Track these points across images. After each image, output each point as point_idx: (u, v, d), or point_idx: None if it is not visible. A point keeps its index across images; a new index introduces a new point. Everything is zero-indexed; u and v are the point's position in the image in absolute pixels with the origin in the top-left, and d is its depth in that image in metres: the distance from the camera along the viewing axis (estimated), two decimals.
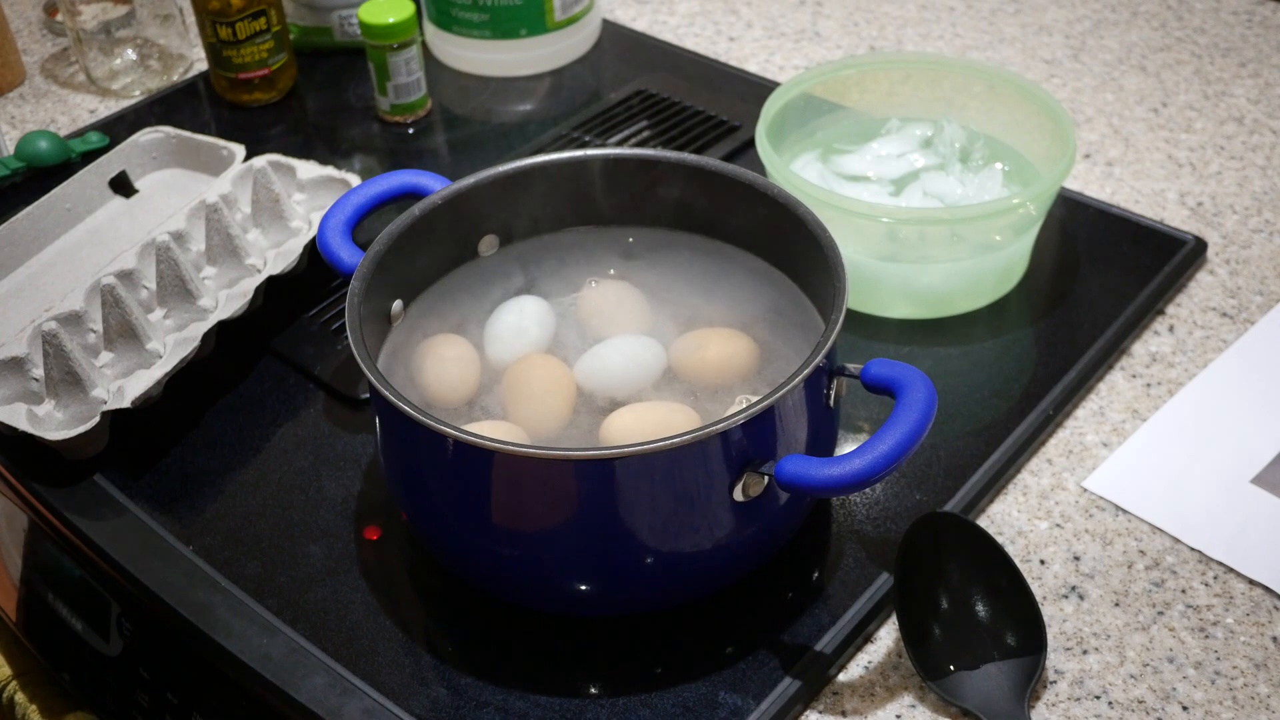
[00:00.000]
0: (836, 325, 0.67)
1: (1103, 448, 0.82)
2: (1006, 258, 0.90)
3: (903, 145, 0.97)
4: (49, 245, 0.99)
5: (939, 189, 0.93)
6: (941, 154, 0.96)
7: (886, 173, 0.95)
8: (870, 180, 0.95)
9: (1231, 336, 0.90)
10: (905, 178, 0.95)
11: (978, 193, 0.92)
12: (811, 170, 0.96)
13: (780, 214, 0.76)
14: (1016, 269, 0.93)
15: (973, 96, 0.97)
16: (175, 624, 0.74)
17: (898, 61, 1.00)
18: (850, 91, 0.99)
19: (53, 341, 0.81)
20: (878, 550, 0.76)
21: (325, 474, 0.82)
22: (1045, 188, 0.85)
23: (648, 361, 0.78)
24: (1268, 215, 1.01)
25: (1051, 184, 0.86)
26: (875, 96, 1.00)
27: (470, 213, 0.80)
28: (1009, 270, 0.92)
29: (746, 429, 0.64)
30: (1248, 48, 1.22)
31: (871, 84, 0.99)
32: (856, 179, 0.95)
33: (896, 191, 0.94)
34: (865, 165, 0.96)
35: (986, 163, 0.95)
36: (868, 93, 1.00)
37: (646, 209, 0.83)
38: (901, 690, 0.70)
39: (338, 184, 0.98)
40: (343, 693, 0.69)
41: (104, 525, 0.79)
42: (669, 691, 0.69)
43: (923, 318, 0.91)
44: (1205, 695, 0.68)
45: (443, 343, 0.79)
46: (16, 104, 1.23)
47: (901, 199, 0.92)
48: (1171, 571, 0.75)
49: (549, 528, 0.67)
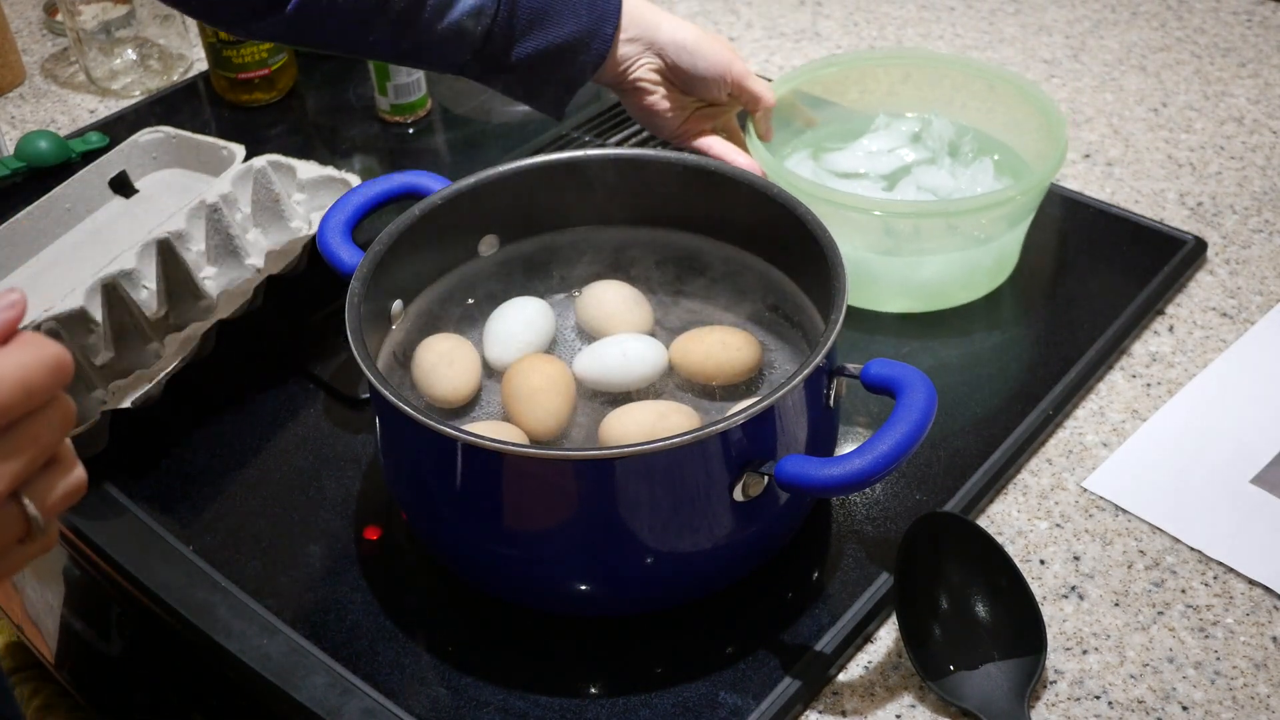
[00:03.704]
0: (836, 325, 0.67)
1: (1103, 448, 0.82)
2: (1000, 249, 0.91)
3: (892, 141, 0.98)
4: (49, 245, 0.99)
5: (932, 182, 0.93)
6: (931, 148, 0.96)
7: (878, 168, 0.95)
8: (863, 176, 0.95)
9: (1231, 336, 0.90)
10: (897, 172, 0.95)
11: (970, 185, 0.92)
12: (804, 168, 0.96)
13: (780, 214, 0.76)
14: (1009, 260, 0.93)
15: (967, 94, 0.97)
16: (175, 624, 0.74)
17: (892, 58, 1.00)
18: (840, 89, 1.00)
19: None
20: (878, 550, 0.76)
21: (325, 474, 0.82)
22: (1038, 180, 0.86)
23: (647, 361, 0.78)
24: (1268, 215, 1.01)
25: (1044, 175, 0.86)
26: (867, 94, 1.00)
27: (470, 213, 0.80)
28: (1002, 261, 0.92)
29: (746, 429, 0.64)
30: (1248, 48, 1.22)
31: (860, 81, 1.00)
32: (849, 176, 0.95)
33: (890, 186, 0.94)
34: (857, 162, 0.96)
35: (977, 156, 0.95)
36: (859, 90, 1.00)
37: (646, 209, 0.83)
38: (901, 690, 0.70)
39: (338, 184, 0.98)
40: (343, 693, 0.69)
41: (104, 525, 0.79)
42: (669, 691, 0.69)
43: (919, 311, 0.91)
44: (1205, 695, 0.68)
45: (443, 343, 0.79)
46: (16, 104, 1.23)
47: (895, 193, 0.93)
48: (1171, 571, 0.75)
49: (549, 528, 0.67)
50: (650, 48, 0.86)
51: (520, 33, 0.83)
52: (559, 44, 0.83)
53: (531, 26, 0.83)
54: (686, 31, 0.87)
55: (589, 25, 0.84)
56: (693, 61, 0.86)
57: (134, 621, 0.81)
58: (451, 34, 0.82)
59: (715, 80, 0.88)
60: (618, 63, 0.86)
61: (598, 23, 0.84)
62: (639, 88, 0.87)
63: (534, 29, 0.83)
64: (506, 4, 0.81)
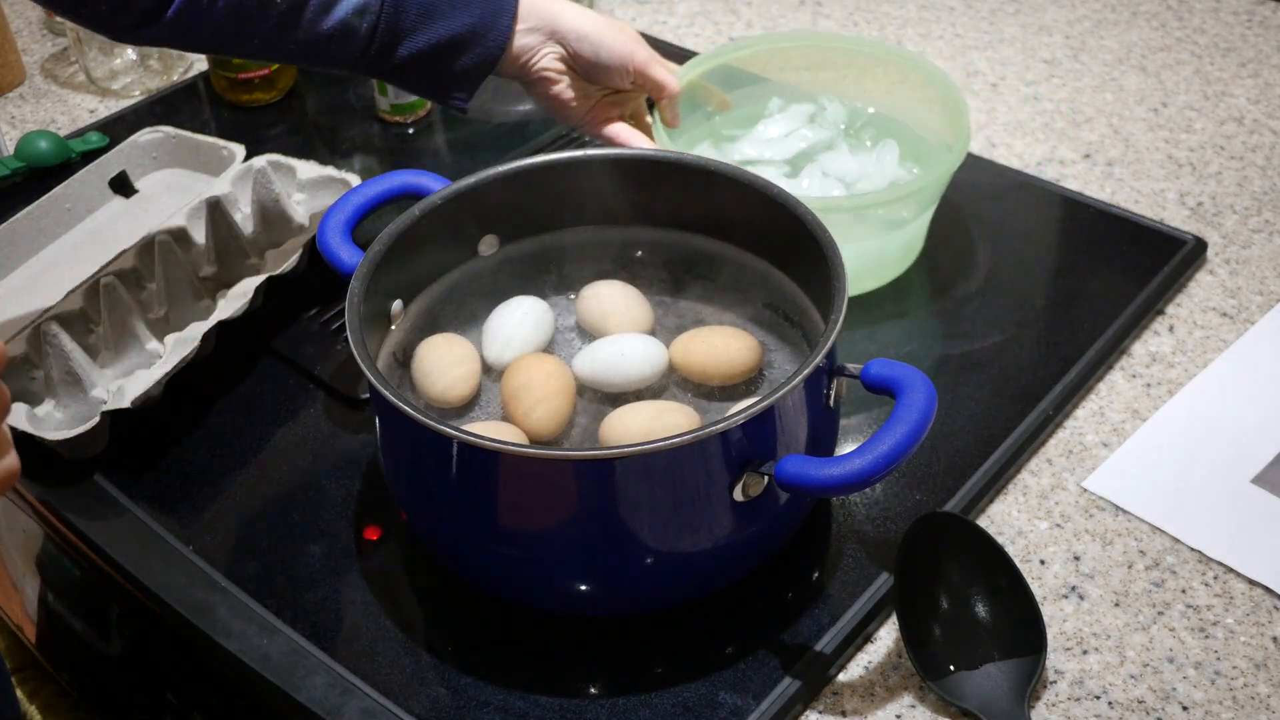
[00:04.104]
0: (836, 325, 0.67)
1: (1103, 448, 0.82)
2: (907, 236, 0.92)
3: (788, 124, 0.99)
4: (49, 245, 0.99)
5: (838, 168, 0.94)
6: (827, 131, 0.97)
7: (779, 154, 0.97)
8: (766, 163, 0.96)
9: (1231, 336, 0.90)
10: (799, 158, 0.96)
11: (877, 170, 0.93)
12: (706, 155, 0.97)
13: (780, 214, 0.76)
14: (916, 245, 0.95)
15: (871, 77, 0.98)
16: (175, 624, 0.74)
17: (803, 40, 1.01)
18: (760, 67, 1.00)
19: (53, 341, 0.81)
20: (878, 550, 0.76)
21: (325, 474, 0.82)
22: (945, 168, 0.87)
23: (648, 361, 0.78)
24: (1268, 215, 1.01)
25: (951, 162, 0.87)
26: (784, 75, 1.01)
27: (470, 213, 0.80)
28: (909, 247, 0.94)
29: (746, 429, 0.64)
30: (1248, 48, 1.22)
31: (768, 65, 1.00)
32: (752, 163, 0.96)
33: (793, 172, 0.95)
34: (759, 149, 0.97)
35: (878, 138, 0.96)
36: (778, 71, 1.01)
37: (646, 209, 0.83)
38: (901, 690, 0.70)
39: (338, 184, 0.98)
40: (343, 693, 0.69)
41: (104, 525, 0.79)
42: (669, 691, 0.69)
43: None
44: (1205, 695, 0.68)
45: (443, 343, 0.79)
46: (16, 104, 1.23)
47: (801, 179, 0.94)
48: (1171, 571, 0.75)
49: (549, 528, 0.67)
50: (552, 37, 0.86)
51: (410, 28, 0.82)
52: (451, 37, 0.83)
53: (422, 21, 0.82)
54: (588, 20, 0.87)
55: (483, 18, 0.83)
56: (595, 50, 0.87)
57: (134, 621, 0.81)
58: (337, 32, 0.81)
59: (618, 69, 0.88)
60: (519, 54, 0.86)
61: (493, 15, 0.84)
62: (543, 78, 0.87)
63: (424, 24, 0.82)
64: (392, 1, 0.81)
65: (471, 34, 0.83)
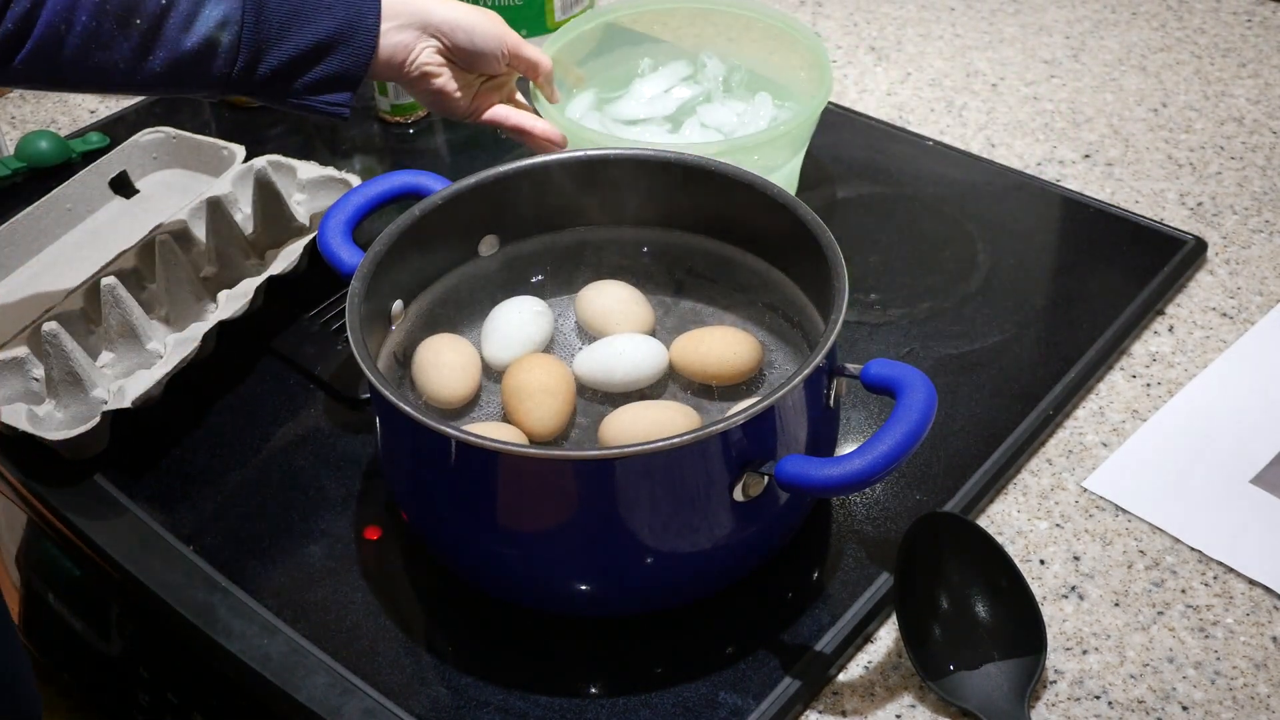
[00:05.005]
0: (836, 325, 0.67)
1: (1103, 448, 0.82)
2: (784, 177, 0.95)
3: (665, 82, 1.02)
4: (49, 245, 0.99)
5: (716, 120, 0.97)
6: (705, 86, 1.01)
7: (660, 111, 1.00)
8: (648, 121, 0.99)
9: (1231, 336, 0.90)
10: (679, 113, 1.00)
11: (753, 120, 0.97)
12: (592, 121, 0.99)
13: (780, 214, 0.76)
14: (790, 187, 0.97)
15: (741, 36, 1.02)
16: (175, 624, 0.74)
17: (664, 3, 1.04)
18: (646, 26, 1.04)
19: (53, 341, 0.81)
20: (878, 550, 0.76)
21: (325, 474, 0.82)
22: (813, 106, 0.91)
23: (648, 361, 0.78)
24: (1268, 215, 1.01)
25: (818, 102, 0.91)
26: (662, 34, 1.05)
27: (470, 213, 0.80)
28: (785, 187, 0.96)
29: (746, 429, 0.64)
30: (1248, 48, 1.22)
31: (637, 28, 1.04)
32: (635, 122, 0.99)
33: (675, 128, 0.98)
34: (639, 108, 1.00)
35: (751, 91, 1.00)
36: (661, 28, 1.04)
37: (646, 209, 0.83)
38: (901, 690, 0.70)
39: (338, 184, 0.98)
40: (343, 693, 0.69)
41: (104, 525, 0.79)
42: (669, 691, 0.69)
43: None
44: (1205, 695, 0.68)
45: (443, 343, 0.79)
46: (16, 104, 1.23)
47: (683, 132, 0.97)
48: (1171, 571, 0.75)
49: (549, 528, 0.67)
50: (425, 30, 0.86)
51: (274, 38, 0.80)
52: (317, 43, 0.81)
53: (285, 30, 0.81)
54: (458, 9, 0.87)
55: (348, 19, 0.82)
56: (470, 38, 0.87)
57: (134, 621, 0.81)
58: (203, 48, 0.79)
59: (493, 54, 0.88)
60: (394, 54, 0.85)
61: (357, 16, 0.83)
62: (425, 74, 0.87)
63: (287, 32, 0.81)
64: (252, 11, 0.79)
65: (337, 36, 0.82)
